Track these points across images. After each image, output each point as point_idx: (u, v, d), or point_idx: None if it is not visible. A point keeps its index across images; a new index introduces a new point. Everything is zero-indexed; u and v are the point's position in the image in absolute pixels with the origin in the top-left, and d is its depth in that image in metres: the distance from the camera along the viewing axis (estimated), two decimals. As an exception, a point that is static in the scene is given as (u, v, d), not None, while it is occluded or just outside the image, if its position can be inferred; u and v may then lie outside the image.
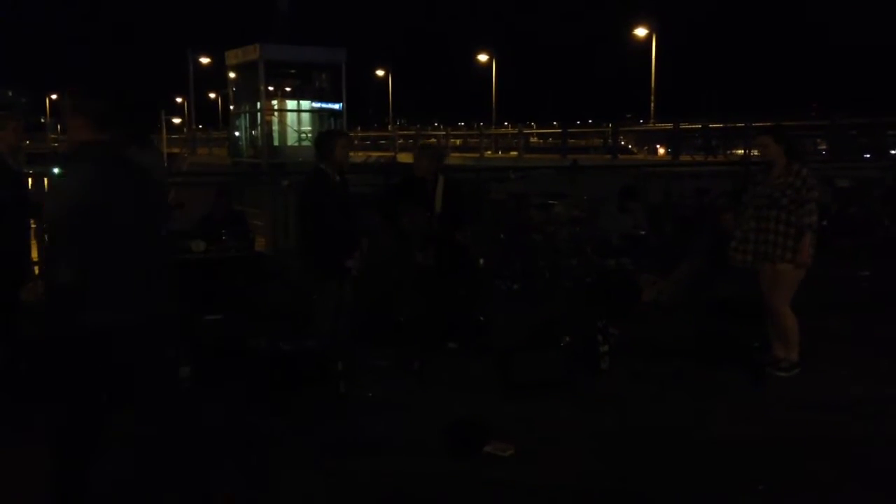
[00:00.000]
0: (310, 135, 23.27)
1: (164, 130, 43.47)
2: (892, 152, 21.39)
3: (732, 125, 24.54)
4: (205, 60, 45.05)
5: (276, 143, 23.43)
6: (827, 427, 4.80)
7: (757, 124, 22.71)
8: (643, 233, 9.23)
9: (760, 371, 5.56)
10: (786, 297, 5.58)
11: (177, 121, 55.53)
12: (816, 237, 5.50)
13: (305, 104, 24.20)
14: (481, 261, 8.84)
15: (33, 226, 7.20)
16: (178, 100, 63.05)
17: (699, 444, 4.56)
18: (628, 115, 38.43)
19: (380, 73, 58.42)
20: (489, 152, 32.47)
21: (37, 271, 8.16)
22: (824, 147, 23.46)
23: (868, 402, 5.22)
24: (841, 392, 5.42)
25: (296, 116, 24.09)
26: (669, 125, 26.98)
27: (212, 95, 57.22)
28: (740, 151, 23.22)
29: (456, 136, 37.04)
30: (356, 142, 38.54)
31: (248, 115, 24.62)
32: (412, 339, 5.81)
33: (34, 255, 7.59)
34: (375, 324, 6.61)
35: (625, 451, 4.47)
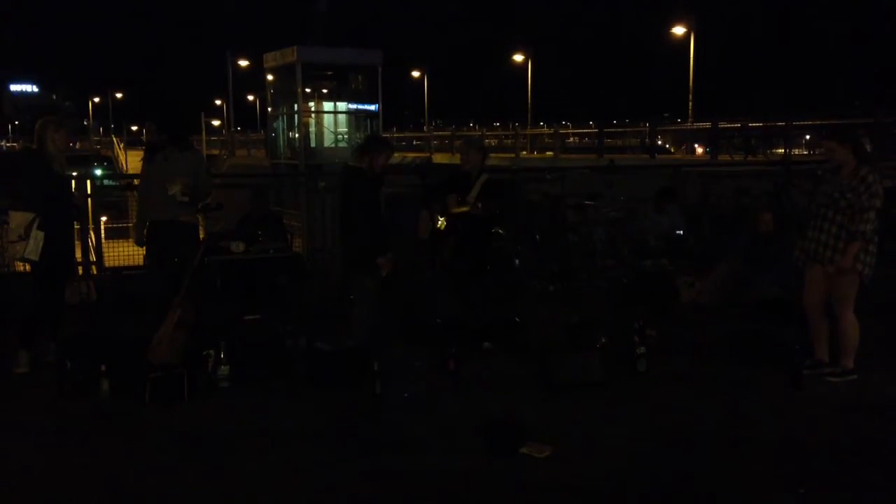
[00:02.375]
0: (346, 136, 23.41)
1: (204, 132, 44.07)
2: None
3: (773, 124, 24.15)
4: (243, 63, 45.59)
5: (312, 144, 23.59)
6: (871, 430, 4.72)
7: (797, 123, 22.39)
8: (681, 233, 9.15)
9: (800, 373, 5.48)
10: (848, 302, 5.46)
11: (216, 123, 56.33)
12: (875, 247, 5.38)
13: (342, 106, 24.33)
14: (517, 261, 8.83)
15: (77, 227, 7.35)
16: (218, 102, 63.95)
17: (738, 446, 4.50)
18: (666, 115, 37.99)
19: (415, 73, 58.58)
20: (525, 152, 32.35)
21: (80, 271, 8.35)
22: (869, 145, 22.96)
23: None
24: (887, 395, 5.31)
25: (332, 118, 24.24)
26: (708, 124, 26.63)
27: (250, 98, 57.92)
28: (780, 151, 22.85)
29: (491, 137, 36.97)
30: (392, 142, 38.68)
31: (285, 116, 24.81)
32: (447, 339, 5.83)
33: (77, 255, 7.76)
34: (411, 324, 6.65)
35: (662, 453, 4.44)
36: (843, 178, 5.41)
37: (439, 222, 6.45)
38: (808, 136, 25.00)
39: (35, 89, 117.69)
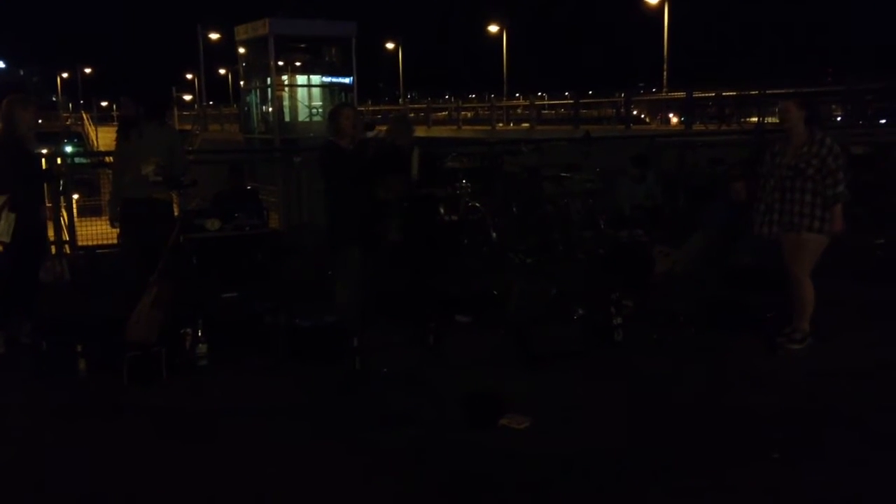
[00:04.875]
0: (321, 110, 23.25)
1: (176, 107, 43.46)
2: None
3: (747, 93, 24.26)
4: (214, 36, 44.86)
5: (287, 118, 23.41)
6: (842, 395, 4.82)
7: (771, 91, 22.51)
8: (656, 203, 9.20)
9: (774, 341, 5.57)
10: (808, 267, 5.54)
11: (188, 97, 55.49)
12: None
13: (316, 79, 24.15)
14: (494, 234, 8.85)
15: (49, 205, 7.26)
16: (189, 76, 63.01)
17: (713, 413, 4.59)
18: (641, 84, 38.03)
19: (390, 45, 58.08)
20: (501, 124, 32.31)
21: (53, 251, 8.27)
22: (839, 113, 23.17)
23: (885, 369, 5.23)
24: (857, 360, 5.42)
25: (306, 91, 24.04)
26: (682, 94, 26.71)
27: (222, 71, 57.10)
28: (754, 119, 23.00)
29: (467, 109, 36.85)
30: (367, 116, 38.44)
31: (258, 90, 24.61)
32: (426, 313, 5.84)
33: (50, 234, 7.67)
34: (389, 299, 6.65)
35: (639, 422, 4.51)
36: (799, 147, 5.46)
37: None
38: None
39: (1, 65, 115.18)
